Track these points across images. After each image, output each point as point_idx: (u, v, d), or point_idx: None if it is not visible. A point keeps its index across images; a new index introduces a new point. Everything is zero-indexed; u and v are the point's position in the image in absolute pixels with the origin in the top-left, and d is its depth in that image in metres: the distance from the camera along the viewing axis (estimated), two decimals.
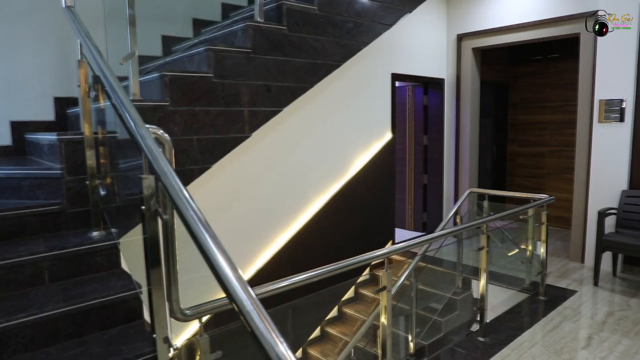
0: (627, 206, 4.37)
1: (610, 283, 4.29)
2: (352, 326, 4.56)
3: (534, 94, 6.74)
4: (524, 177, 6.94)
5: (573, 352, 3.06)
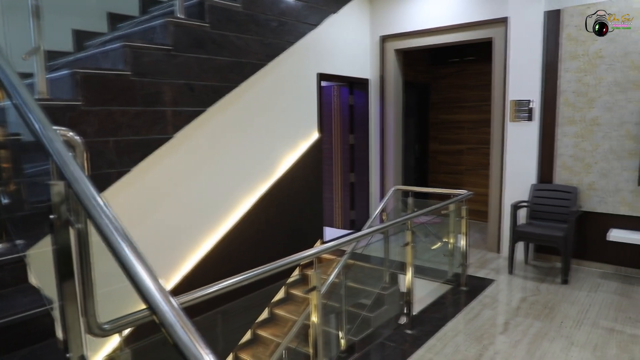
0: (536, 199, 4.71)
1: (523, 271, 4.62)
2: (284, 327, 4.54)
3: (452, 94, 7.09)
4: (445, 173, 7.29)
5: (492, 337, 3.24)
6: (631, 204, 4.34)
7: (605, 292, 4.03)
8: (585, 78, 4.45)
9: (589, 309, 3.67)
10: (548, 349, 3.05)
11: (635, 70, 4.20)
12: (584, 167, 4.55)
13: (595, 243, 4.54)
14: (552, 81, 4.64)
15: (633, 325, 3.40)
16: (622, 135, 4.32)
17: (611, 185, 4.42)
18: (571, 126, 4.59)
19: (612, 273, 4.48)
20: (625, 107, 4.28)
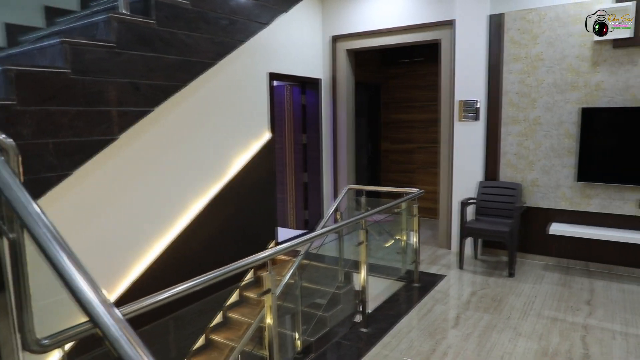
0: (483, 195, 4.88)
1: (473, 265, 4.77)
2: (238, 330, 4.46)
3: (403, 94, 7.23)
4: (397, 172, 7.42)
5: (445, 332, 3.32)
6: (570, 199, 4.57)
7: (548, 283, 4.22)
8: (527, 79, 4.65)
9: (534, 300, 3.83)
10: (497, 340, 3.16)
11: (571, 73, 4.43)
12: (527, 165, 4.76)
13: (538, 237, 4.75)
14: (497, 82, 4.82)
15: (573, 313, 3.58)
16: (562, 134, 4.55)
17: (552, 182, 4.64)
18: (515, 125, 4.78)
19: (554, 265, 4.71)
20: (563, 108, 4.51)
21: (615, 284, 4.17)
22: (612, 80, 4.26)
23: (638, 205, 4.28)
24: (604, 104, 4.32)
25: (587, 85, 4.38)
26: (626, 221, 4.35)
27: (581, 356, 2.94)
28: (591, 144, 4.37)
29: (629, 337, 3.19)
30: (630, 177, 4.24)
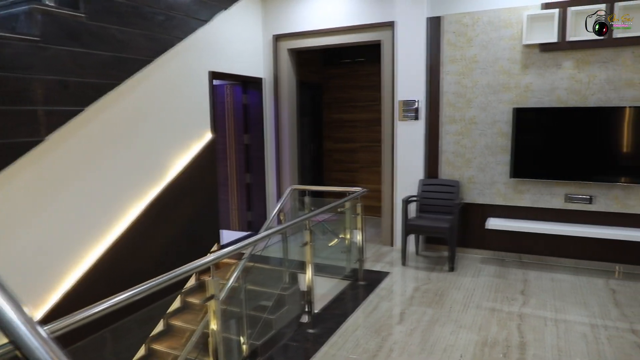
0: (424, 193, 5.01)
1: (415, 261, 4.88)
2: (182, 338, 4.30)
3: (345, 94, 7.29)
4: (340, 171, 7.47)
5: (390, 328, 3.37)
6: (505, 194, 4.79)
7: (486, 275, 4.40)
8: (464, 80, 4.83)
9: (474, 293, 3.98)
10: (440, 333, 3.24)
11: (504, 75, 4.65)
12: (465, 163, 4.93)
13: (476, 231, 4.95)
14: (435, 83, 4.96)
15: (509, 303, 3.75)
16: (496, 132, 4.76)
17: (488, 179, 4.85)
18: (453, 125, 4.95)
19: (491, 258, 4.92)
20: (497, 108, 4.72)
21: (546, 274, 4.42)
22: (540, 82, 4.51)
23: (565, 199, 4.56)
24: (533, 104, 4.56)
25: (517, 87, 4.61)
26: (555, 214, 4.62)
27: (517, 344, 3.08)
28: (522, 142, 4.60)
29: (558, 323, 3.38)
30: (558, 173, 4.51)
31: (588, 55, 4.32)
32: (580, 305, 3.70)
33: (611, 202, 4.41)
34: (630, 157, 4.29)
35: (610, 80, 4.27)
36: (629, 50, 4.19)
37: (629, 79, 4.22)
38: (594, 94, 4.34)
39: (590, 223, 4.49)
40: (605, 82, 4.29)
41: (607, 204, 4.42)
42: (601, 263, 4.52)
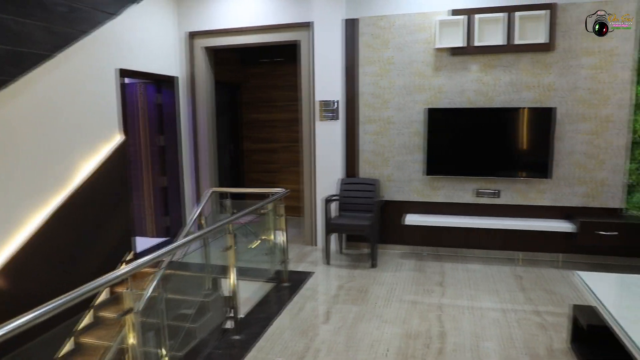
0: (345, 192, 5.08)
1: (338, 260, 4.94)
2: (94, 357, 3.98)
3: (263, 94, 7.21)
4: (260, 172, 7.38)
5: (317, 328, 3.36)
6: (420, 191, 5.00)
7: (406, 270, 4.56)
8: (381, 82, 4.97)
9: (395, 287, 4.10)
10: (366, 329, 3.29)
11: (418, 77, 4.85)
12: (383, 161, 5.08)
13: (395, 228, 5.11)
14: (353, 83, 5.06)
15: (428, 295, 3.91)
16: (412, 132, 4.95)
17: (405, 176, 5.03)
18: (371, 125, 5.07)
19: (410, 252, 5.11)
20: (412, 108, 4.91)
21: (461, 265, 4.68)
22: (451, 84, 4.77)
23: (475, 194, 4.86)
24: (445, 105, 4.81)
25: (431, 88, 4.83)
26: (467, 208, 4.91)
27: (438, 333, 3.21)
28: (435, 141, 4.83)
29: (474, 310, 3.58)
30: (468, 169, 4.80)
31: (493, 60, 4.64)
32: (492, 293, 3.95)
33: (515, 195, 4.77)
34: (529, 153, 4.68)
35: (512, 83, 4.62)
36: (527, 56, 4.56)
37: (528, 82, 4.59)
38: (499, 95, 4.67)
39: (497, 215, 4.83)
40: (508, 84, 4.64)
41: (511, 197, 4.78)
42: (507, 252, 4.87)
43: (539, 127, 4.57)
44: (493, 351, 2.97)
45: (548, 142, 4.54)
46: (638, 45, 4.32)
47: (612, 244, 4.34)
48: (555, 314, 3.51)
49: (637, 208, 4.53)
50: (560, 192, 4.66)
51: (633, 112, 4.42)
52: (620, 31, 4.33)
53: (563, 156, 4.60)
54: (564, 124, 4.56)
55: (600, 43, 4.39)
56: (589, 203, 4.62)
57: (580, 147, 4.57)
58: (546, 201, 4.71)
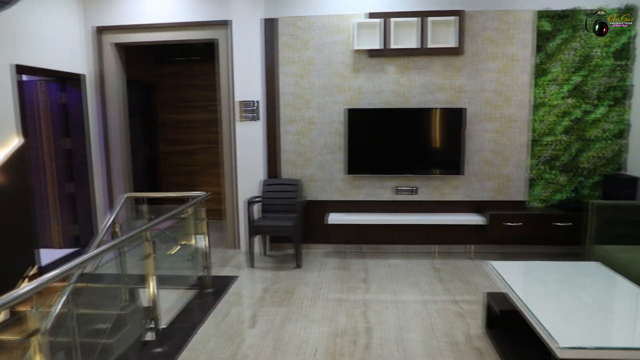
0: (267, 193, 5.03)
1: (263, 262, 4.87)
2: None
3: (180, 93, 6.93)
4: (178, 175, 7.09)
5: (243, 333, 3.28)
6: (342, 190, 5.08)
7: (331, 268, 4.61)
8: (301, 82, 4.97)
9: (321, 287, 4.13)
10: (293, 331, 3.27)
11: (338, 77, 4.92)
12: (305, 161, 5.09)
13: (319, 227, 5.15)
14: (273, 84, 5.02)
15: (353, 292, 3.98)
16: (332, 132, 5.01)
17: (327, 176, 5.08)
18: (292, 125, 5.06)
19: (334, 251, 5.18)
20: (333, 108, 4.98)
21: (383, 261, 4.82)
22: (370, 85, 4.90)
23: (394, 192, 5.03)
24: (364, 106, 4.93)
25: (351, 89, 4.93)
26: (387, 206, 5.06)
27: (364, 329, 3.28)
28: (355, 140, 4.94)
29: (398, 304, 3.70)
30: (388, 168, 4.95)
31: (408, 62, 4.84)
32: (413, 286, 4.11)
33: (431, 192, 5.01)
34: (443, 152, 4.93)
35: (426, 85, 4.85)
36: (440, 59, 4.80)
37: (440, 84, 4.84)
38: (415, 96, 4.87)
39: (415, 211, 5.04)
40: (422, 86, 4.85)
41: (428, 193, 5.01)
42: (425, 246, 5.11)
43: (451, 127, 4.83)
44: (416, 342, 3.09)
45: (460, 141, 4.82)
46: (535, 52, 4.72)
47: (518, 234, 4.70)
48: (471, 302, 3.73)
49: (537, 200, 4.95)
50: (471, 187, 4.97)
51: (532, 112, 4.82)
52: (520, 38, 4.71)
53: (473, 154, 4.91)
54: (474, 123, 4.86)
55: (503, 49, 4.75)
56: (497, 197, 4.97)
57: (487, 145, 4.90)
58: (459, 196, 4.99)
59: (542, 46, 4.71)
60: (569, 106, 4.77)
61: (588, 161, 4.84)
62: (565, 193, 4.91)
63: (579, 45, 4.67)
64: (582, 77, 4.71)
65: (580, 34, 4.65)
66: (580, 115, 4.77)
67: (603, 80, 4.70)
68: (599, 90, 4.72)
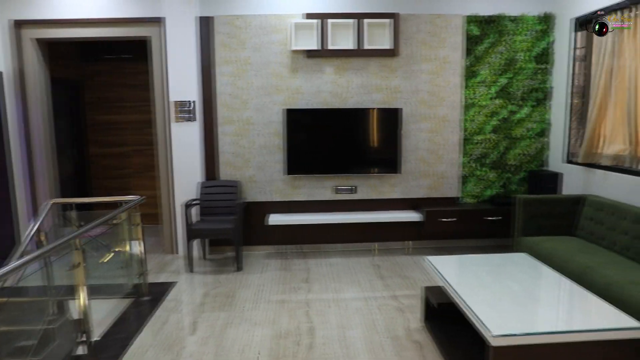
0: (205, 195, 4.91)
1: (202, 266, 4.75)
2: None
3: (111, 93, 6.60)
4: (110, 178, 6.75)
5: (183, 341, 3.18)
6: (282, 191, 5.06)
7: (272, 270, 4.58)
8: (238, 82, 4.90)
9: (263, 289, 4.08)
10: (235, 335, 3.22)
11: (275, 77, 4.89)
12: (244, 163, 5.02)
13: (259, 229, 5.10)
14: (210, 84, 4.90)
15: (295, 292, 3.97)
16: (271, 132, 4.98)
17: (266, 177, 5.04)
18: (230, 126, 4.97)
19: (275, 252, 5.15)
20: (271, 109, 4.94)
21: (324, 260, 4.85)
22: (308, 85, 4.91)
23: (334, 191, 5.08)
24: (302, 106, 4.94)
25: (289, 89, 4.91)
26: (327, 205, 5.10)
27: (307, 329, 3.28)
28: (294, 141, 4.93)
29: (339, 302, 3.74)
30: (326, 167, 4.99)
31: (345, 63, 4.90)
32: (354, 283, 4.17)
33: (370, 190, 5.11)
34: (381, 151, 5.04)
35: (363, 85, 4.93)
36: (376, 61, 4.91)
37: (377, 85, 4.94)
38: (352, 97, 4.95)
39: (355, 210, 5.12)
40: (359, 86, 4.94)
41: (366, 192, 5.10)
42: (365, 244, 5.20)
43: (388, 127, 4.95)
44: (358, 339, 3.13)
45: (396, 140, 4.95)
46: (465, 55, 4.94)
47: (452, 229, 4.90)
48: (410, 296, 3.84)
49: (470, 196, 5.18)
50: (408, 185, 5.12)
51: (463, 112, 5.04)
52: (451, 41, 4.92)
53: (409, 152, 5.06)
54: (409, 123, 5.01)
55: (436, 51, 4.93)
56: (432, 194, 5.15)
57: (422, 144, 5.07)
58: (397, 194, 5.13)
59: (471, 49, 4.94)
60: (497, 106, 5.04)
61: (514, 158, 5.14)
62: (495, 189, 5.18)
63: (504, 49, 4.95)
64: (508, 79, 5.00)
65: (505, 39, 4.93)
66: (507, 115, 5.06)
67: (526, 82, 5.01)
68: (523, 91, 5.03)
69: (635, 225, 3.52)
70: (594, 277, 3.19)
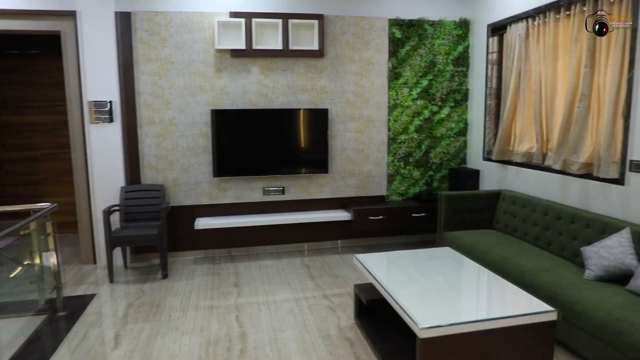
0: (127, 201, 4.66)
1: (125, 276, 4.50)
2: None
3: (16, 92, 6.06)
4: (18, 185, 6.21)
5: (105, 357, 2.98)
6: (210, 193, 4.92)
7: (200, 275, 4.44)
8: (160, 81, 4.69)
9: (190, 295, 3.94)
10: (162, 346, 3.07)
11: (199, 77, 4.75)
12: (168, 165, 4.82)
13: (186, 233, 4.92)
14: (130, 83, 4.66)
15: (225, 298, 3.88)
16: (196, 133, 4.82)
17: (192, 180, 4.88)
18: (152, 127, 4.75)
19: (203, 257, 4.99)
20: (195, 109, 4.79)
21: (254, 263, 4.78)
22: (233, 85, 4.81)
23: (263, 193, 5.02)
24: (228, 106, 4.83)
25: (213, 89, 4.79)
26: (256, 207, 5.03)
27: (238, 334, 3.21)
28: (221, 142, 4.82)
29: (270, 305, 3.70)
30: (255, 169, 4.92)
31: (271, 63, 4.86)
32: (285, 285, 4.14)
33: (299, 191, 5.10)
34: (309, 151, 5.05)
35: (289, 86, 4.92)
36: (302, 61, 4.91)
37: (303, 85, 4.95)
38: (278, 97, 4.91)
39: (284, 211, 5.09)
40: (286, 87, 4.91)
41: (296, 192, 5.10)
42: (295, 244, 5.19)
43: (316, 127, 4.98)
44: (290, 340, 3.11)
45: (325, 141, 4.99)
46: (389, 57, 5.09)
47: (380, 226, 5.02)
48: (341, 295, 3.88)
49: (396, 194, 5.34)
50: (336, 185, 5.18)
51: (388, 113, 5.18)
52: (375, 44, 5.04)
53: (337, 152, 5.12)
54: (336, 123, 5.07)
55: (361, 53, 5.03)
56: (360, 193, 5.25)
57: (350, 144, 5.15)
58: (326, 194, 5.17)
59: (394, 51, 5.10)
60: (419, 107, 5.24)
61: (436, 157, 5.37)
62: (419, 186, 5.38)
63: (425, 52, 5.16)
64: (429, 80, 5.21)
65: (426, 42, 5.13)
66: (429, 115, 5.27)
67: (445, 84, 5.25)
68: (442, 93, 5.26)
69: (544, 217, 3.80)
70: (510, 266, 3.40)
